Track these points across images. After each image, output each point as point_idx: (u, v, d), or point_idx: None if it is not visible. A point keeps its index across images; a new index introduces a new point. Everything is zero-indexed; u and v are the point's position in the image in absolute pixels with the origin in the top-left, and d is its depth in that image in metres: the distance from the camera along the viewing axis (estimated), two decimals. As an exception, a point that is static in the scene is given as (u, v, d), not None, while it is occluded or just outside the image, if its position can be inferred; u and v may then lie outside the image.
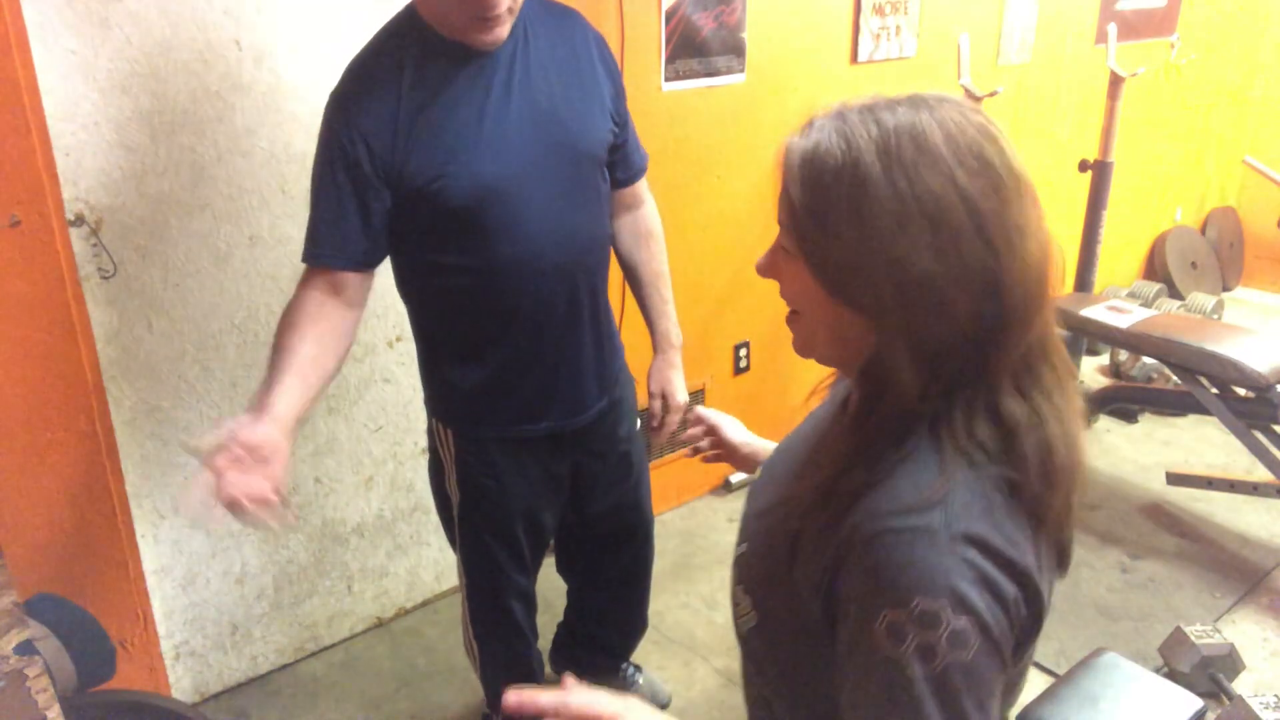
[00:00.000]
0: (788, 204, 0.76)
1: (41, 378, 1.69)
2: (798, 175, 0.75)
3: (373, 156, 1.40)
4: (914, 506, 0.70)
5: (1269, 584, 2.61)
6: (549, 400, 1.63)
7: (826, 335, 0.79)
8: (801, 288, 0.78)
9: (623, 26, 2.37)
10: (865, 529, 0.72)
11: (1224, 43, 4.55)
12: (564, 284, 1.55)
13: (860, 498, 0.73)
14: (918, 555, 0.68)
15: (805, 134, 0.76)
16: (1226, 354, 2.58)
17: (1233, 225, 5.04)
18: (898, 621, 0.68)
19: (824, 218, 0.73)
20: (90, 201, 1.79)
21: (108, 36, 1.74)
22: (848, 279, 0.73)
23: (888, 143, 0.71)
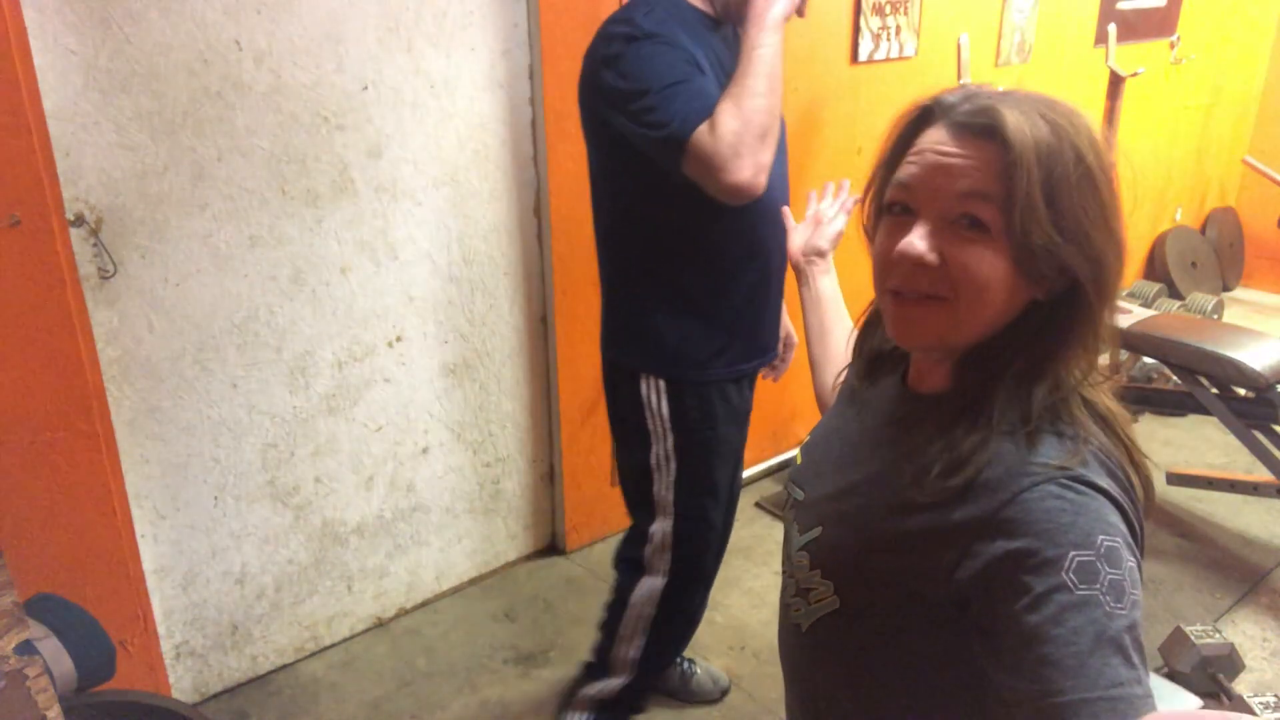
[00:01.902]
0: (1002, 177, 0.74)
1: (41, 378, 1.69)
2: (1030, 150, 0.74)
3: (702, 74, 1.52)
4: (1065, 464, 0.74)
5: (1269, 584, 2.61)
6: (768, 336, 1.79)
7: (988, 319, 0.78)
8: (988, 267, 0.76)
9: (623, 26, 2.37)
10: (1021, 484, 0.73)
11: (1224, 43, 4.55)
12: (780, 221, 1.60)
13: (992, 467, 0.76)
14: (1087, 500, 0.72)
15: (1006, 110, 0.75)
16: (1226, 354, 2.58)
17: (1233, 225, 5.04)
18: (1088, 561, 0.69)
19: (1053, 195, 0.74)
20: (90, 201, 1.79)
21: (108, 36, 1.74)
22: (1066, 254, 0.75)
23: (1083, 133, 0.76)
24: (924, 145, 0.79)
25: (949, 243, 0.77)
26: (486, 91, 2.28)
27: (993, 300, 0.77)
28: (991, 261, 0.76)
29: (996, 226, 0.75)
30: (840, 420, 0.99)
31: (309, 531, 2.27)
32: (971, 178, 0.75)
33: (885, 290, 0.82)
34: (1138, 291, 4.36)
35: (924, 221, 0.77)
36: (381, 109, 2.11)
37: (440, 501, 2.50)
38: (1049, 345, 0.79)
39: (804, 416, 3.31)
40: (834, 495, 0.90)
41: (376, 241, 2.18)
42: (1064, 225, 0.74)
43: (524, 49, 2.30)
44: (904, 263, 0.77)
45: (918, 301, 0.79)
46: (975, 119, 0.76)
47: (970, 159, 0.76)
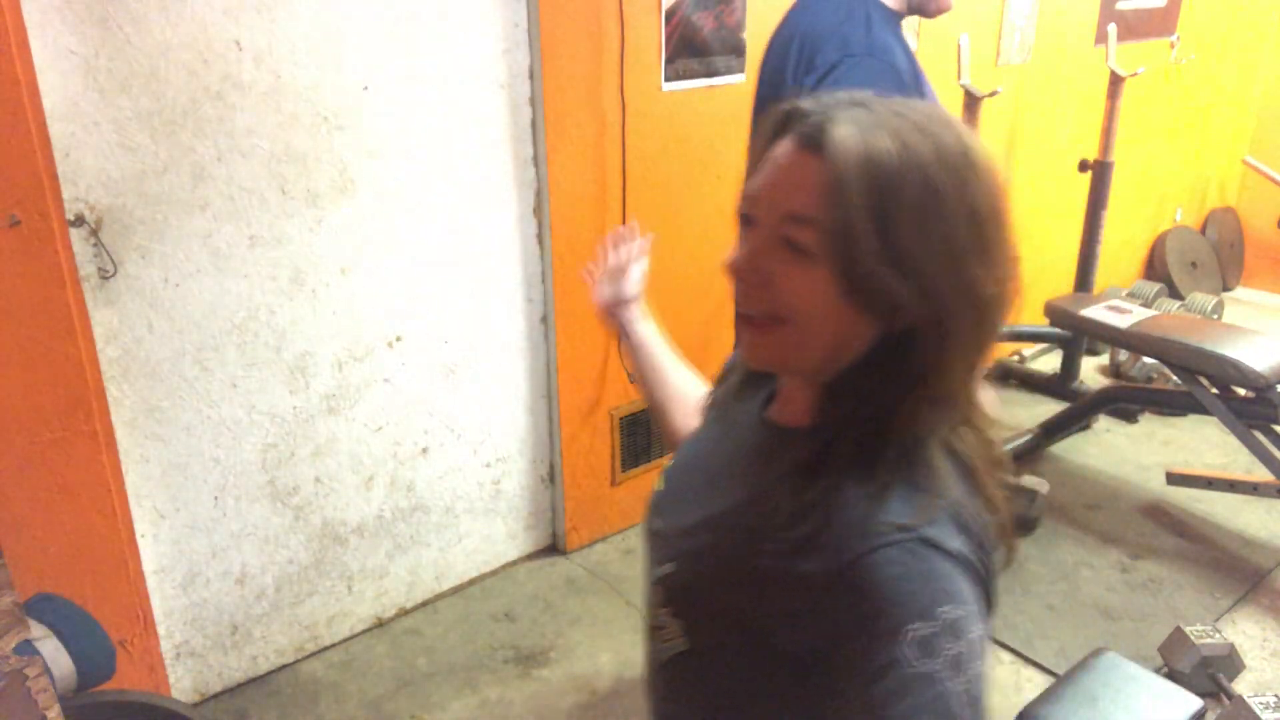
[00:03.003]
0: (826, 199, 0.67)
1: (41, 378, 1.69)
2: (857, 169, 0.66)
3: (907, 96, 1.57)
4: (910, 523, 0.68)
5: (1269, 584, 2.61)
6: None
7: (824, 347, 0.72)
8: (810, 294, 0.69)
9: (623, 26, 2.37)
10: (865, 545, 0.67)
11: (1224, 43, 4.55)
12: None
13: (840, 515, 0.70)
14: (935, 566, 0.67)
15: (839, 123, 0.68)
16: (1226, 354, 2.58)
17: (1233, 225, 5.04)
18: (928, 635, 0.65)
19: (885, 222, 0.66)
20: (90, 201, 1.79)
21: (108, 36, 1.74)
22: (898, 290, 0.67)
23: (944, 151, 0.68)
24: (771, 154, 0.72)
25: (774, 261, 0.70)
26: (486, 91, 2.28)
27: (821, 328, 0.71)
28: (812, 288, 0.69)
29: (818, 252, 0.68)
30: (705, 443, 0.92)
31: (309, 531, 2.27)
32: (794, 198, 0.69)
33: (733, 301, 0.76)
34: (1138, 291, 4.36)
35: (756, 236, 0.72)
36: (381, 109, 2.11)
37: (440, 501, 2.50)
38: (895, 388, 0.72)
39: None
40: (689, 529, 0.83)
41: (376, 241, 2.18)
42: (897, 258, 0.67)
43: (524, 49, 2.30)
44: (732, 277, 0.73)
45: (753, 321, 0.73)
46: (809, 130, 0.69)
47: (798, 176, 0.69)
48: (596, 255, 1.18)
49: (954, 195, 0.67)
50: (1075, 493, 3.07)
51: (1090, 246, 3.63)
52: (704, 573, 0.80)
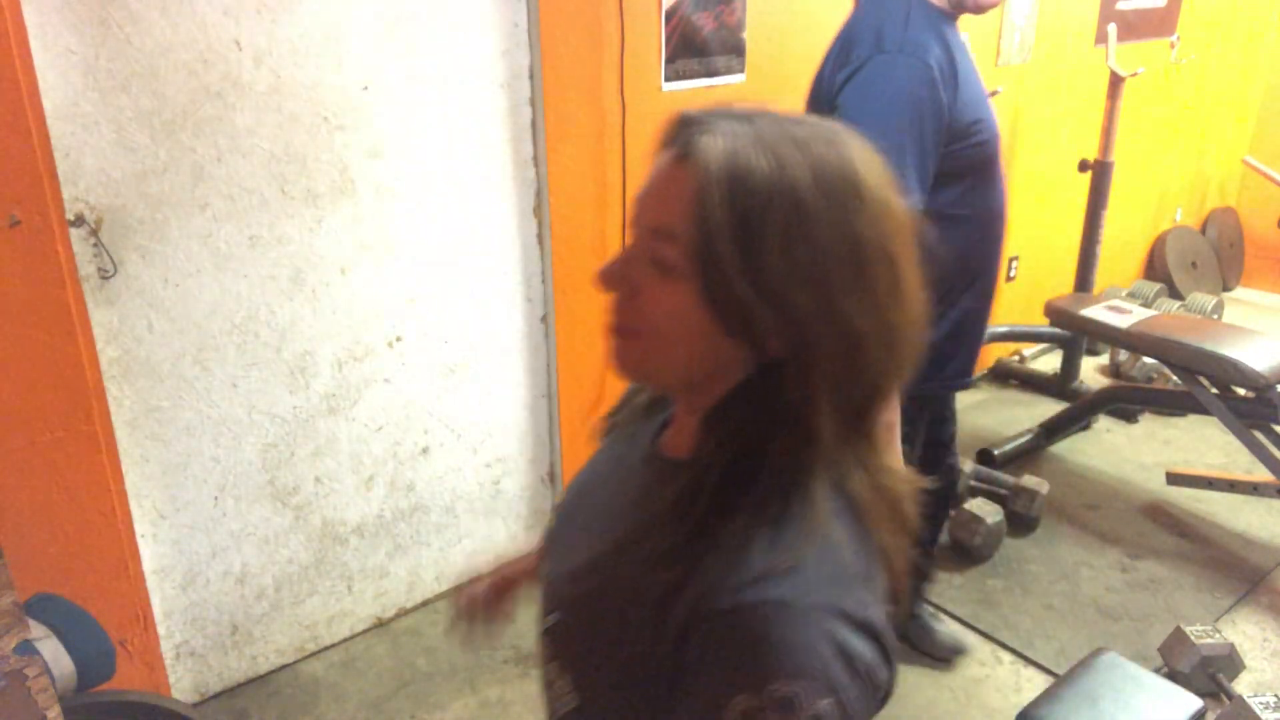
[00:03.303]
0: (690, 215, 0.63)
1: (41, 378, 1.69)
2: (721, 185, 0.62)
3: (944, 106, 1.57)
4: (766, 574, 0.63)
5: (1269, 584, 2.61)
6: (973, 357, 1.80)
7: (686, 365, 0.68)
8: (673, 310, 0.66)
9: (623, 26, 2.37)
10: (713, 603, 0.63)
11: (1224, 43, 4.55)
12: (1000, 244, 1.71)
13: (706, 559, 0.65)
14: (774, 632, 0.61)
15: (710, 134, 0.64)
16: (1226, 354, 2.58)
17: (1233, 225, 5.04)
18: (752, 709, 0.60)
19: (749, 243, 0.62)
20: (90, 201, 1.79)
21: (108, 36, 1.74)
22: (761, 316, 0.63)
23: (824, 173, 0.63)
24: (655, 163, 0.69)
25: (642, 273, 0.67)
26: (486, 91, 2.28)
27: (682, 346, 0.67)
28: (673, 303, 0.65)
29: (682, 268, 0.64)
30: (596, 476, 0.86)
31: (309, 531, 2.27)
32: (661, 211, 0.65)
33: None
34: (1138, 291, 4.37)
35: (628, 245, 0.69)
36: (381, 109, 2.11)
37: (440, 501, 2.50)
38: (767, 422, 0.67)
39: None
40: (575, 574, 0.77)
41: (376, 241, 2.18)
42: (760, 281, 0.62)
43: (524, 49, 2.30)
44: (600, 286, 0.70)
45: (615, 332, 0.70)
46: (684, 142, 0.65)
47: (668, 189, 0.65)
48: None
49: (828, 221, 0.62)
50: (1075, 493, 3.07)
51: (1090, 246, 3.63)
52: (588, 622, 0.73)
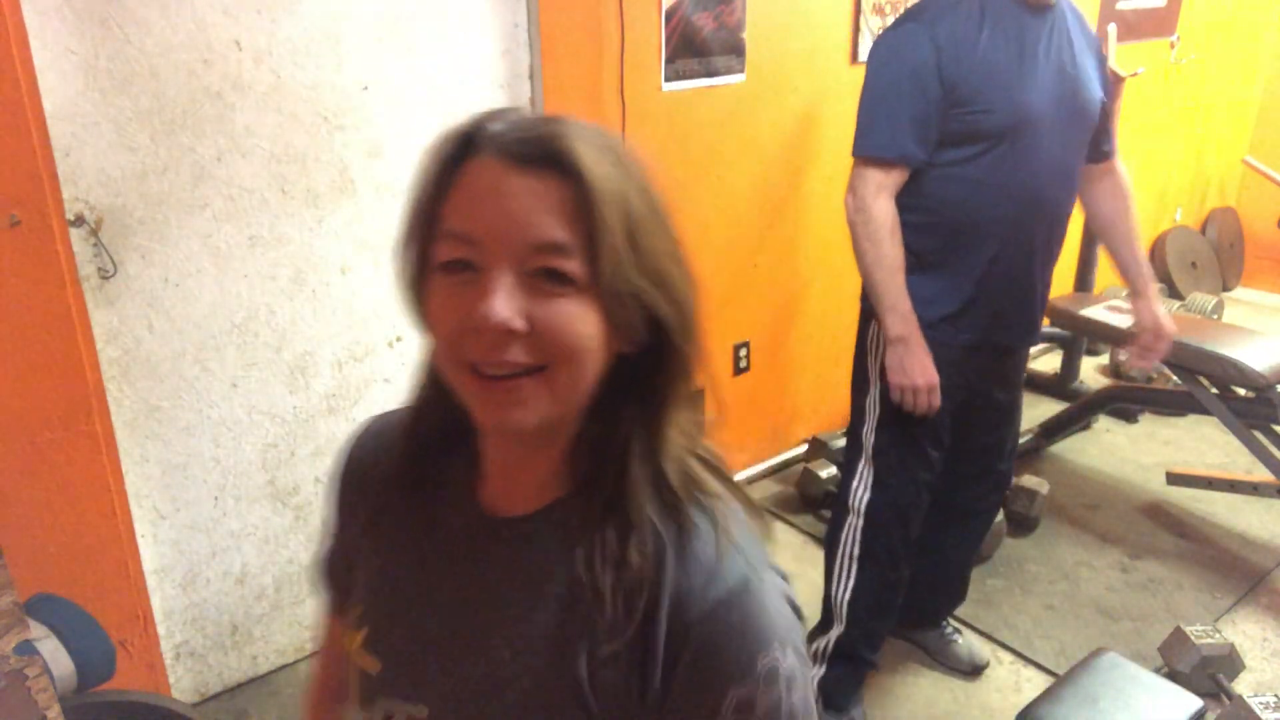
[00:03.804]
0: (578, 223, 0.63)
1: (41, 378, 1.69)
2: (614, 193, 0.64)
3: (941, 65, 1.73)
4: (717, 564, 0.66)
5: (1269, 584, 2.61)
6: (990, 318, 1.87)
7: (591, 382, 0.67)
8: (584, 324, 0.64)
9: (623, 26, 2.37)
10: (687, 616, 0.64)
11: (1224, 43, 4.55)
12: (1037, 222, 1.82)
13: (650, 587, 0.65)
14: (749, 615, 0.65)
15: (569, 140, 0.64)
16: (1226, 354, 2.58)
17: (1233, 225, 5.04)
18: (744, 697, 0.64)
19: (634, 236, 0.65)
20: (90, 201, 1.79)
21: (108, 36, 1.74)
22: (654, 302, 0.66)
23: (648, 169, 0.68)
24: (477, 184, 0.64)
25: (534, 301, 0.63)
26: (486, 92, 2.28)
27: (592, 362, 0.66)
28: (583, 317, 0.64)
29: (582, 277, 0.63)
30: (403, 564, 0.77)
31: (309, 531, 2.27)
32: (547, 223, 0.63)
33: (462, 365, 0.65)
34: (1138, 291, 4.36)
35: (500, 278, 0.62)
36: (381, 109, 2.11)
37: (440, 501, 2.50)
38: (656, 408, 0.69)
39: (803, 416, 3.31)
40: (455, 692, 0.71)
41: (376, 241, 2.18)
42: (647, 267, 0.65)
43: (524, 49, 2.30)
44: (487, 333, 0.62)
45: (522, 375, 0.64)
46: (539, 149, 0.63)
47: (542, 199, 0.63)
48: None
49: (662, 202, 0.68)
50: (1075, 493, 3.07)
51: (1090, 247, 3.63)
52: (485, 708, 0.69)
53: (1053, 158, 1.80)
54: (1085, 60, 1.85)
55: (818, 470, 2.94)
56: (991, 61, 1.74)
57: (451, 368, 0.67)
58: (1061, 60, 1.80)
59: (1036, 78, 1.76)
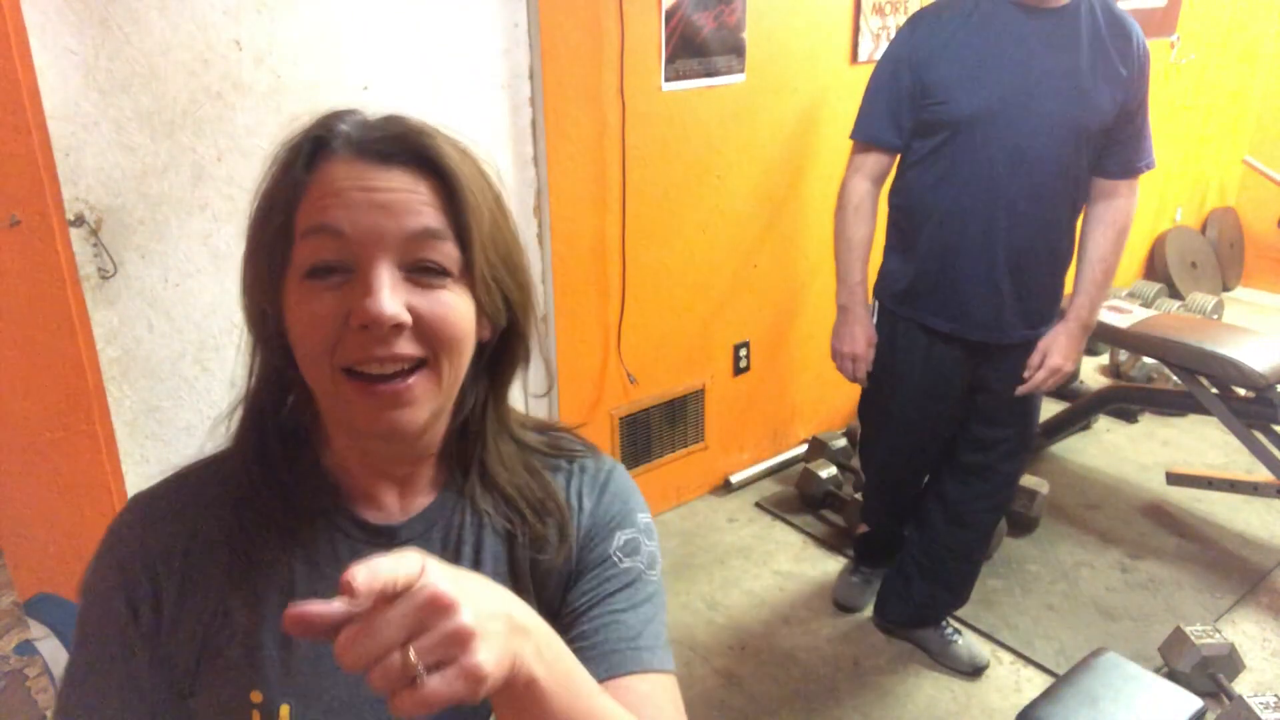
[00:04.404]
0: (445, 214, 0.65)
1: (41, 378, 1.69)
2: (475, 185, 0.68)
3: (916, 65, 1.88)
4: (599, 462, 0.83)
5: (1269, 584, 2.61)
6: (956, 308, 1.96)
7: (462, 376, 0.70)
8: (462, 313, 0.67)
9: (623, 26, 2.37)
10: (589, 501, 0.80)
11: (1224, 43, 4.55)
12: (996, 215, 1.87)
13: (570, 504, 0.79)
14: (625, 483, 0.82)
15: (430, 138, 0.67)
16: (1226, 354, 2.58)
17: (1233, 225, 5.04)
18: (630, 537, 0.79)
19: (494, 227, 0.69)
20: (90, 201, 1.79)
21: (108, 36, 1.74)
22: (510, 287, 0.71)
23: (481, 159, 0.72)
24: (337, 182, 0.64)
25: (415, 294, 0.64)
26: (486, 92, 2.28)
27: (467, 353, 0.69)
28: (461, 306, 0.66)
29: (456, 267, 0.66)
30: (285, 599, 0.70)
31: (309, 531, 2.27)
32: (421, 214, 0.64)
33: (336, 370, 0.64)
34: (1138, 291, 4.36)
35: (380, 273, 0.62)
36: (381, 109, 2.10)
37: (440, 501, 2.50)
38: (502, 386, 0.78)
39: (803, 416, 3.31)
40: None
41: (376, 241, 2.18)
42: (503, 254, 0.70)
43: (524, 49, 2.30)
44: (375, 329, 0.61)
45: (407, 371, 0.64)
46: (401, 146, 0.66)
47: (412, 192, 0.64)
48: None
49: (501, 192, 0.72)
50: (1075, 493, 3.07)
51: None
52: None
53: (1017, 154, 1.83)
54: (1092, 68, 1.82)
55: (818, 470, 2.94)
56: (959, 57, 1.84)
57: (324, 375, 0.64)
58: (1054, 64, 1.81)
59: (1003, 75, 1.81)
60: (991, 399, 2.07)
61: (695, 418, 2.95)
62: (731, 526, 2.91)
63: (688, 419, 2.93)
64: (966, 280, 1.93)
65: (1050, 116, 1.82)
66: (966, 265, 1.92)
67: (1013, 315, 1.96)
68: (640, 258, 2.60)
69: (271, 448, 0.72)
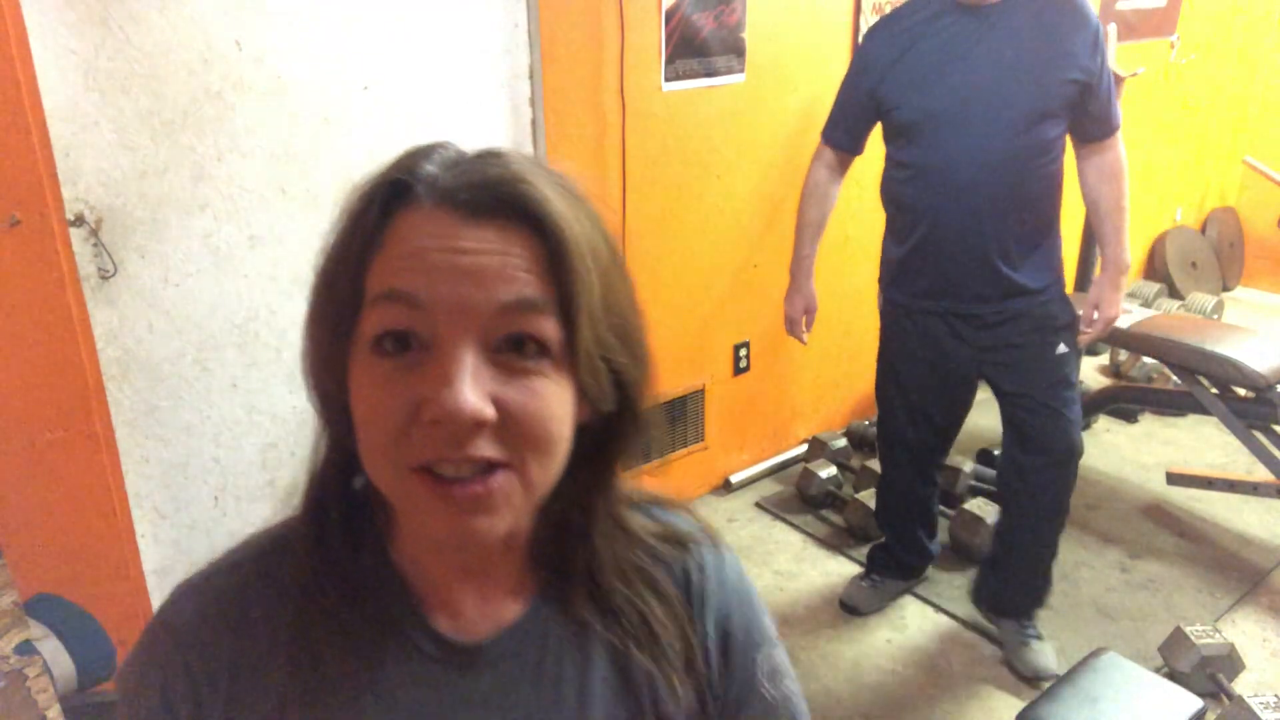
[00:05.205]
0: (561, 284, 0.53)
1: (41, 378, 1.69)
2: (587, 245, 0.55)
3: (869, 78, 2.04)
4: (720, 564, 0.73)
5: (1269, 584, 2.61)
6: (943, 285, 2.08)
7: (556, 476, 0.58)
8: (560, 401, 0.55)
9: (623, 26, 2.37)
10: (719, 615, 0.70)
11: (1224, 43, 4.55)
12: (969, 199, 1.97)
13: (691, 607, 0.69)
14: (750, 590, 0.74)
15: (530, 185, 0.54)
16: (1226, 354, 2.58)
17: (1233, 225, 5.04)
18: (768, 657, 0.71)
19: (607, 293, 0.56)
20: (90, 201, 1.79)
21: (108, 36, 1.74)
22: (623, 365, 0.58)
23: (596, 204, 0.59)
24: (416, 240, 0.53)
25: (502, 381, 0.52)
26: (486, 91, 2.28)
27: (566, 447, 0.57)
28: (558, 395, 0.54)
29: (556, 345, 0.54)
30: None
31: (309, 531, 2.27)
32: (516, 282, 0.52)
33: (406, 469, 0.53)
34: (1138, 291, 4.36)
35: (461, 354, 0.51)
36: (381, 109, 2.11)
37: (440, 501, 2.50)
38: (610, 473, 0.65)
39: (804, 416, 3.31)
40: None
41: (376, 241, 2.18)
42: (616, 324, 0.57)
43: (524, 49, 2.30)
44: (449, 426, 0.50)
45: (476, 479, 0.53)
46: (495, 195, 0.53)
47: (507, 254, 0.53)
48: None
49: (619, 249, 0.60)
50: (1075, 493, 3.06)
51: (1090, 247, 3.63)
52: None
53: (974, 148, 1.93)
54: (1041, 54, 1.90)
55: (818, 470, 2.94)
56: (908, 64, 1.98)
57: (390, 471, 0.54)
58: (999, 56, 1.90)
59: (951, 77, 1.93)
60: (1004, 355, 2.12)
61: (695, 418, 2.95)
62: (731, 526, 2.91)
63: (688, 419, 2.93)
64: (949, 263, 2.05)
65: (1004, 109, 1.91)
66: (946, 250, 2.04)
67: (995, 289, 2.05)
68: (640, 258, 2.61)
69: (336, 539, 0.62)
